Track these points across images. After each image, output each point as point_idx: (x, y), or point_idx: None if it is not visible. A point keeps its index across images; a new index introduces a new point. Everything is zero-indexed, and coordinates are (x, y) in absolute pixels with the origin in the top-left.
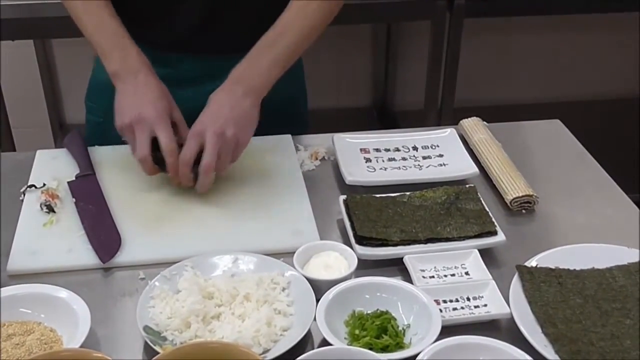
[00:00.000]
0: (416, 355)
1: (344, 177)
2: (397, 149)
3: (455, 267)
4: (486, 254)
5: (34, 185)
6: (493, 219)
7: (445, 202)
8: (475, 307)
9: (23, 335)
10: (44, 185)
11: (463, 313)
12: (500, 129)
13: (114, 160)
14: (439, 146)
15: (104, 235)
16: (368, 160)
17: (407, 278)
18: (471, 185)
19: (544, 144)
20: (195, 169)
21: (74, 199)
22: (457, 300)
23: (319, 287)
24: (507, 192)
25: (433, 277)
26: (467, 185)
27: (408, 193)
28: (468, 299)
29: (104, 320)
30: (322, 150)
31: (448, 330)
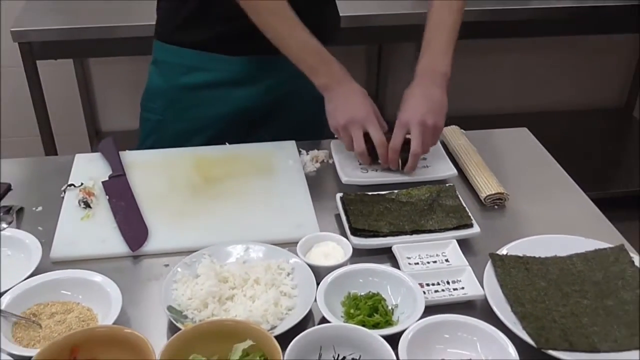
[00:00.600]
0: (403, 331)
1: (341, 178)
2: None
3: (436, 255)
4: (463, 244)
5: (73, 185)
6: (469, 214)
7: (428, 199)
8: (454, 290)
9: (64, 313)
10: (82, 184)
11: (443, 295)
12: (476, 136)
13: (142, 163)
14: None
15: (133, 228)
16: (361, 163)
17: (395, 264)
18: (450, 184)
19: (513, 149)
20: (402, 155)
21: (107, 196)
22: (439, 284)
23: (319, 273)
24: (482, 190)
25: (417, 264)
26: (447, 185)
27: (396, 191)
28: (448, 283)
29: (134, 301)
30: (322, 154)
31: (430, 309)
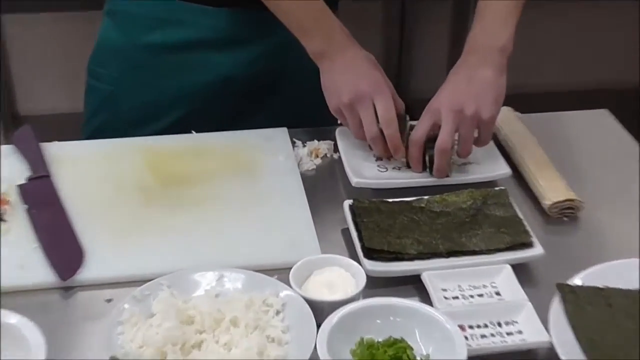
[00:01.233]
0: None
1: (350, 178)
2: None
3: (483, 286)
4: (520, 270)
5: None
6: (528, 228)
7: (471, 208)
8: (508, 334)
9: None
10: None
11: (493, 341)
12: (536, 121)
13: (75, 159)
14: None
15: (62, 249)
16: (378, 157)
17: (426, 299)
18: (501, 187)
19: (588, 138)
20: (429, 153)
21: (25, 205)
22: (487, 326)
23: (321, 310)
24: (545, 197)
25: (457, 298)
26: (497, 188)
27: (426, 197)
28: (499, 324)
29: (63, 350)
30: (324, 146)
31: None
